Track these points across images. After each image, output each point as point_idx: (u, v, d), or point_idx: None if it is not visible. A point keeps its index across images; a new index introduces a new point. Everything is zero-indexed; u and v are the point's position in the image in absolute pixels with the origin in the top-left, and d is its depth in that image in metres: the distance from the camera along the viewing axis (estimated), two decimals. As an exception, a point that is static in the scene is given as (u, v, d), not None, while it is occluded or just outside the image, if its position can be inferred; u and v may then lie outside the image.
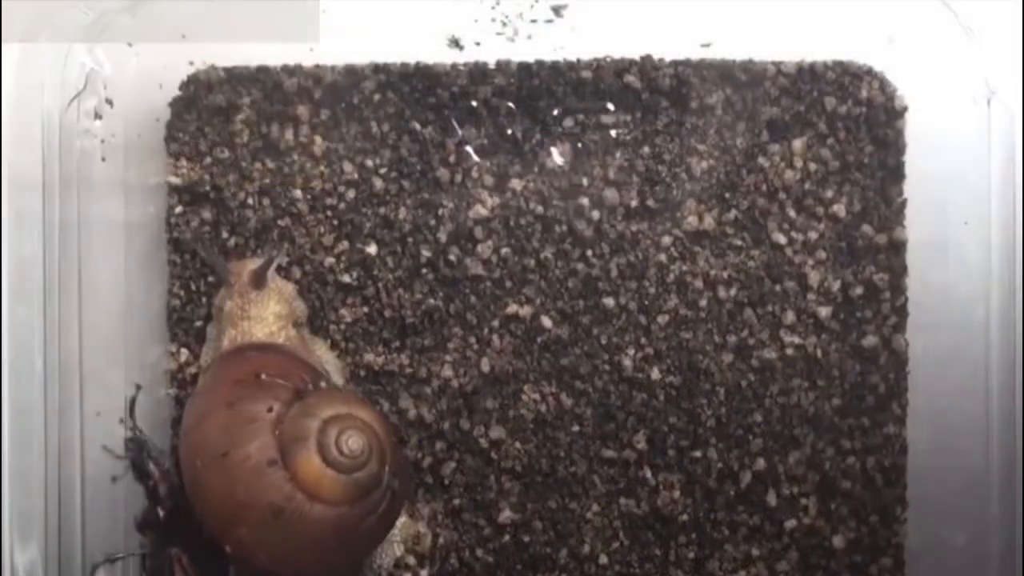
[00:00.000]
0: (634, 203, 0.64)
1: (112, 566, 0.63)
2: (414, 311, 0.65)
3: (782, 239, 0.65)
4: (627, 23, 0.65)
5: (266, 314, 0.62)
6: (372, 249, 0.65)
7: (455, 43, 0.65)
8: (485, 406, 0.65)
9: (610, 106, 0.65)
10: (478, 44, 0.65)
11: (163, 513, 0.58)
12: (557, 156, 0.65)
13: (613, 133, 0.65)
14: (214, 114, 0.65)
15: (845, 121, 0.65)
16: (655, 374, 0.64)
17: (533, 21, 0.65)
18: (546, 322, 0.64)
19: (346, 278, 0.65)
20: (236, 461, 0.55)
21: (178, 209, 0.65)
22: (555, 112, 0.65)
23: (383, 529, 0.59)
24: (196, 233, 0.65)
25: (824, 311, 0.64)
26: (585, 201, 0.64)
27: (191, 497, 0.56)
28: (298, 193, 0.65)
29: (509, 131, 0.65)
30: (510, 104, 0.65)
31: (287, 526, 0.55)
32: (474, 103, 0.65)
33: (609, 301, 0.64)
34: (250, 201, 0.65)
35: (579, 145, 0.65)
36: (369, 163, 0.65)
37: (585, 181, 0.65)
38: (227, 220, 0.65)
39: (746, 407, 0.64)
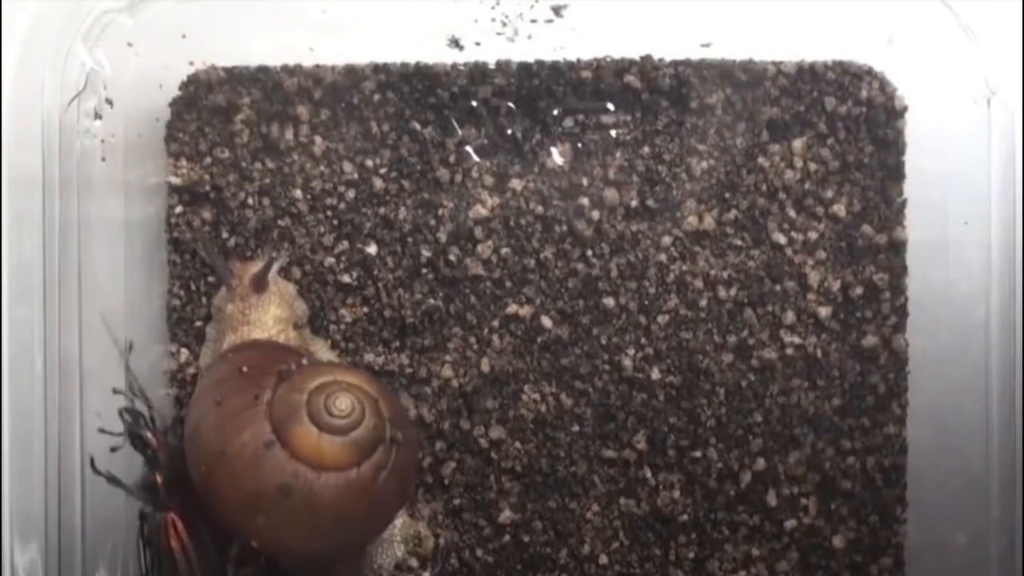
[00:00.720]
0: (634, 203, 0.64)
1: (112, 566, 0.63)
2: (414, 311, 0.65)
3: (782, 239, 0.65)
4: (627, 23, 0.65)
5: (266, 318, 0.62)
6: (372, 249, 0.65)
7: (455, 43, 0.65)
8: (485, 406, 0.65)
9: (610, 106, 0.65)
10: (478, 44, 0.65)
11: (160, 479, 0.58)
12: (557, 156, 0.65)
13: (613, 133, 0.65)
14: (214, 114, 0.65)
15: (845, 121, 0.65)
16: (655, 374, 0.64)
17: (533, 21, 0.65)
18: (546, 322, 0.64)
19: (346, 278, 0.65)
20: (234, 453, 0.55)
21: (178, 209, 0.65)
22: (555, 112, 0.65)
23: (402, 485, 0.58)
24: (197, 233, 0.65)
25: (824, 311, 0.64)
26: (585, 201, 0.64)
27: (206, 504, 0.56)
28: (298, 193, 0.65)
29: (509, 131, 0.65)
30: (510, 104, 0.65)
31: (300, 502, 0.55)
32: (474, 103, 0.65)
33: (609, 301, 0.64)
34: (250, 201, 0.65)
35: (579, 145, 0.65)
36: (369, 163, 0.65)
37: (585, 181, 0.65)
38: (227, 220, 0.65)
39: (746, 407, 0.64)
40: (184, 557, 0.58)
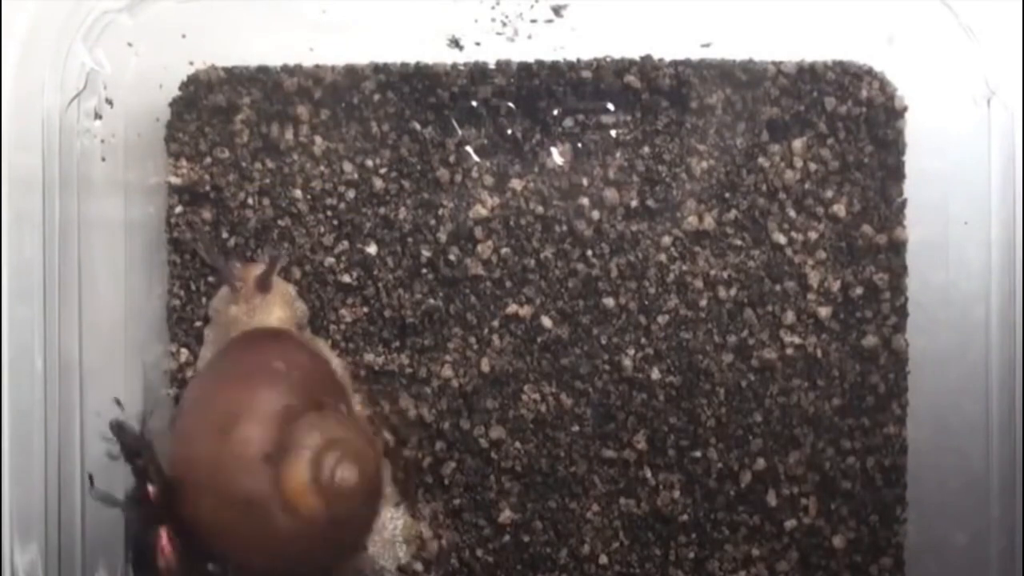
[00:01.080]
0: (634, 203, 0.64)
1: (112, 566, 0.63)
2: (414, 311, 0.65)
3: (782, 239, 0.65)
4: (627, 23, 0.65)
5: (270, 320, 0.62)
6: (372, 249, 0.65)
7: (455, 43, 0.65)
8: (485, 406, 0.64)
9: (610, 106, 0.65)
10: (478, 44, 0.65)
11: (153, 491, 0.58)
12: (557, 156, 0.65)
13: (613, 133, 0.65)
14: (214, 114, 0.65)
15: (845, 121, 0.65)
16: (655, 374, 0.64)
17: (533, 21, 0.65)
18: (546, 322, 0.64)
19: (346, 278, 0.65)
20: (235, 440, 0.55)
21: (178, 209, 0.65)
22: (555, 112, 0.65)
23: (353, 548, 0.60)
24: (198, 233, 0.65)
25: (824, 311, 0.64)
26: (585, 201, 0.64)
27: (174, 441, 0.57)
28: (298, 193, 0.65)
29: (509, 131, 0.65)
30: (510, 104, 0.65)
31: (255, 522, 0.55)
32: (474, 103, 0.65)
33: (609, 301, 0.64)
34: (250, 201, 0.65)
35: (579, 145, 0.65)
36: (369, 163, 0.65)
37: (585, 181, 0.65)
38: (227, 220, 0.65)
39: (746, 407, 0.64)
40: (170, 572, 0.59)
